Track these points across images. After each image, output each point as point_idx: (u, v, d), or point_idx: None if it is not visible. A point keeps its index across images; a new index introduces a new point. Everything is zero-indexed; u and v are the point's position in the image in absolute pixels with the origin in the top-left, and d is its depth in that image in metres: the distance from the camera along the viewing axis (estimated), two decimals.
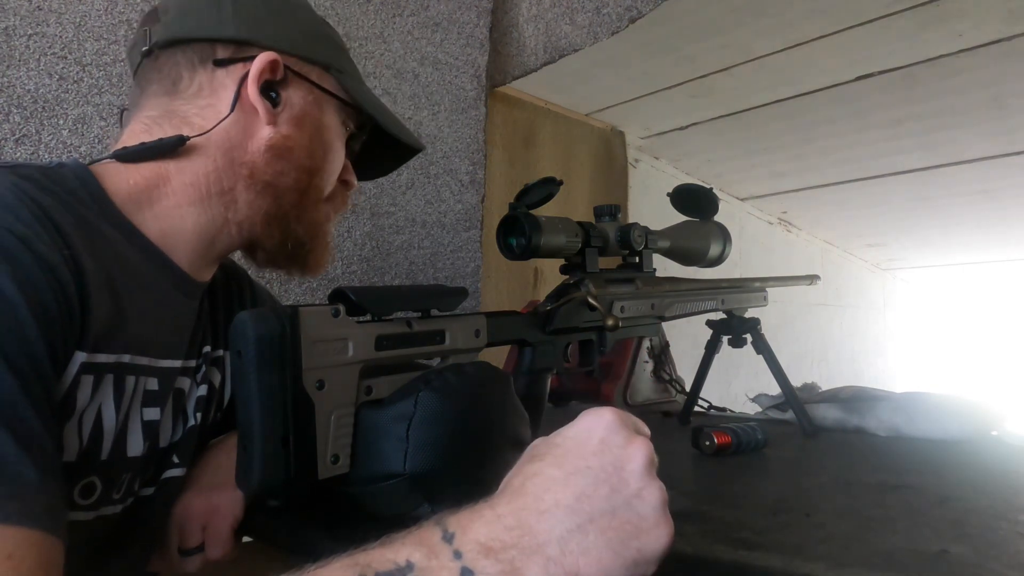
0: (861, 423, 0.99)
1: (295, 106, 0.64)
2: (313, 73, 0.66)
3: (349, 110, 0.69)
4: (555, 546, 0.37)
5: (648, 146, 2.19)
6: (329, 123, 0.67)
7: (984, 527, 0.56)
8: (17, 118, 0.91)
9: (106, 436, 0.54)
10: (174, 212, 0.61)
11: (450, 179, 1.48)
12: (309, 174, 0.66)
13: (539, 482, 0.40)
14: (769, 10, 1.39)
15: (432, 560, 0.36)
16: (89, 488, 0.55)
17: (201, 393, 0.67)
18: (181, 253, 0.62)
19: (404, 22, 1.41)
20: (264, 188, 0.63)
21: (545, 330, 0.74)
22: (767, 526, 0.57)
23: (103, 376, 0.53)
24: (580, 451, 0.41)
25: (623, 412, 0.44)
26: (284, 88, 0.64)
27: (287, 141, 0.64)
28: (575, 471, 0.40)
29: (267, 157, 0.63)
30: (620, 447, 0.41)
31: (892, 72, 1.61)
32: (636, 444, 0.41)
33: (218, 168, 0.62)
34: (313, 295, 1.22)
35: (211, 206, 0.62)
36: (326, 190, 0.69)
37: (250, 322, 0.48)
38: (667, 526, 0.40)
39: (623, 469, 0.40)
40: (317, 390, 0.50)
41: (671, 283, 0.91)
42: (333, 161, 0.69)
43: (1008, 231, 3.00)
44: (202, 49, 0.62)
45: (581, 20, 1.45)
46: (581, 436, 0.42)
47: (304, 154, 0.65)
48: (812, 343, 3.18)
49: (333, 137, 0.68)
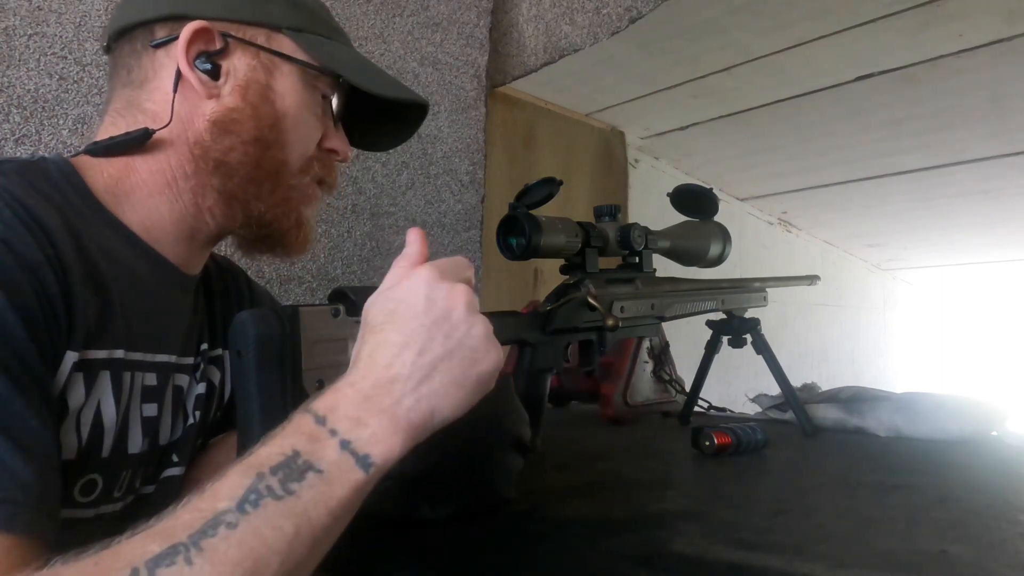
0: (861, 423, 0.99)
1: (239, 75, 0.60)
2: (260, 36, 0.61)
3: (317, 72, 0.64)
4: (411, 397, 0.45)
5: (648, 146, 2.19)
6: (284, 88, 0.62)
7: (984, 527, 0.56)
8: (17, 118, 0.91)
9: (107, 433, 0.54)
10: (148, 203, 0.60)
11: (450, 179, 1.48)
12: (262, 147, 0.61)
13: (386, 349, 0.46)
14: (769, 10, 1.39)
15: (314, 443, 0.42)
16: (90, 486, 0.54)
17: (200, 391, 0.67)
18: (165, 244, 0.62)
19: (404, 22, 1.41)
20: (216, 167, 0.60)
21: (545, 330, 0.74)
22: (767, 526, 0.57)
23: (98, 373, 0.53)
24: (413, 311, 0.47)
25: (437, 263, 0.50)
26: (225, 57, 0.60)
27: (231, 113, 0.60)
28: (413, 331, 0.46)
29: (213, 133, 0.60)
30: (444, 298, 0.48)
31: (892, 72, 1.61)
32: (456, 291, 0.48)
33: (178, 153, 0.60)
34: (313, 295, 1.22)
35: (181, 193, 0.61)
36: (293, 163, 0.64)
37: (250, 322, 0.48)
38: (495, 349, 0.49)
39: (450, 316, 0.48)
40: (317, 390, 0.50)
41: (671, 283, 0.91)
42: (297, 130, 0.63)
43: (1008, 231, 3.00)
44: (143, 33, 0.60)
45: (581, 20, 1.45)
46: (409, 298, 0.48)
47: (251, 125, 0.60)
48: (812, 343, 3.18)
49: (293, 103, 0.63)
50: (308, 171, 0.65)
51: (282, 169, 0.63)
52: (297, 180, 0.64)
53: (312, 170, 0.66)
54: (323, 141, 0.66)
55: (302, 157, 0.64)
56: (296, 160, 0.64)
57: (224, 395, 0.72)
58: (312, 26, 0.64)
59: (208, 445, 0.71)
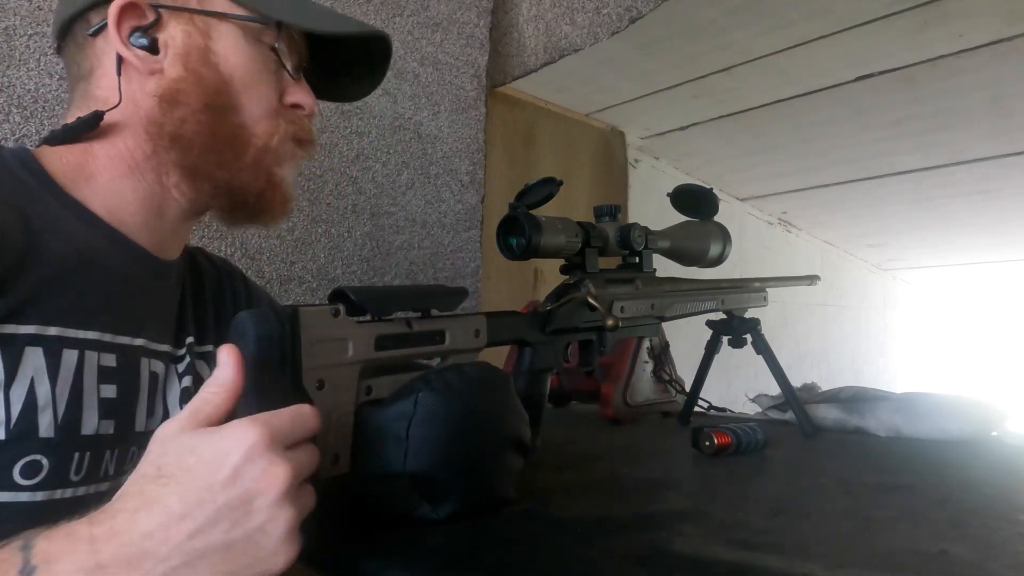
0: (861, 423, 0.99)
1: (178, 45, 0.59)
2: (191, 1, 0.60)
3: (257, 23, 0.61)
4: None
5: (648, 146, 2.19)
6: (225, 49, 0.60)
7: (984, 527, 0.56)
8: (17, 118, 0.91)
9: (41, 412, 0.53)
10: (110, 187, 0.60)
11: (450, 179, 1.48)
12: (214, 114, 0.59)
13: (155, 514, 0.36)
14: (769, 10, 1.39)
15: None
16: (33, 467, 0.53)
17: (186, 385, 0.66)
18: (133, 227, 0.61)
19: (404, 22, 1.41)
20: (171, 142, 0.59)
21: (545, 330, 0.74)
22: (767, 526, 0.57)
23: (23, 349, 0.52)
24: (209, 481, 0.37)
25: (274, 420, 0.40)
26: (160, 30, 0.59)
27: (175, 84, 0.58)
28: (198, 504, 0.37)
29: (163, 108, 0.58)
30: (255, 479, 0.38)
31: (892, 72, 1.61)
32: (274, 473, 0.38)
33: (135, 135, 0.60)
34: (313, 295, 1.22)
35: (144, 173, 0.60)
36: (253, 124, 0.62)
37: (250, 322, 0.48)
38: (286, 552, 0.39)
39: (252, 503, 0.38)
40: (317, 390, 0.50)
41: (671, 283, 0.91)
42: (249, 90, 0.61)
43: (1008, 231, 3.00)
44: (80, 25, 0.60)
45: (581, 20, 1.45)
46: (216, 462, 0.38)
47: (198, 92, 0.59)
48: (812, 343, 3.18)
49: (239, 63, 0.61)
50: (275, 131, 0.63)
51: (240, 133, 0.61)
52: (264, 141, 0.62)
53: (279, 129, 0.63)
54: (284, 97, 0.64)
55: (263, 117, 0.62)
56: (255, 121, 0.62)
57: None
58: None
59: None
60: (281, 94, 0.64)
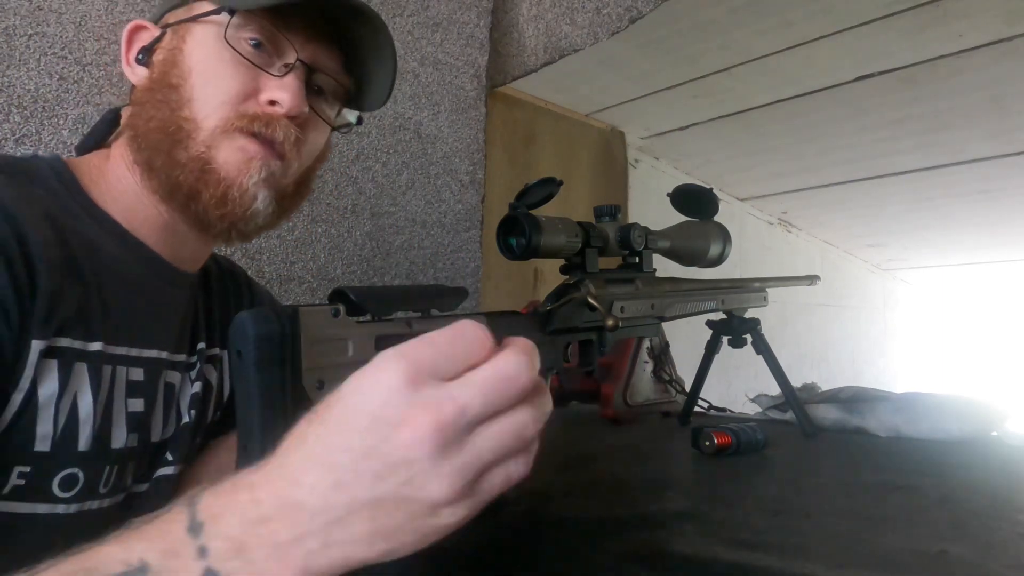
0: (861, 423, 0.99)
1: (161, 55, 0.61)
2: (181, 12, 0.62)
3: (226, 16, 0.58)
4: (316, 539, 0.32)
5: (648, 146, 2.19)
6: (191, 47, 0.60)
7: (984, 527, 0.56)
8: (17, 118, 0.91)
9: (82, 426, 0.54)
10: (118, 186, 0.61)
11: (450, 179, 1.48)
12: (167, 109, 0.58)
13: (302, 456, 0.33)
14: (769, 10, 1.39)
15: (171, 559, 0.31)
16: (70, 480, 0.54)
17: (196, 390, 0.67)
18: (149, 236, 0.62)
19: (404, 22, 1.41)
20: (131, 140, 0.61)
21: (545, 330, 0.73)
22: (767, 526, 0.57)
23: (73, 364, 0.53)
24: (346, 425, 0.32)
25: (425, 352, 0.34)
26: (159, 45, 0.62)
27: (145, 86, 0.61)
28: (337, 450, 0.32)
29: (134, 110, 0.61)
30: (393, 425, 0.31)
31: (892, 72, 1.61)
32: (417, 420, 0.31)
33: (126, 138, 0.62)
34: (313, 295, 1.22)
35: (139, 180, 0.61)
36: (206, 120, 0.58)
37: (250, 322, 0.48)
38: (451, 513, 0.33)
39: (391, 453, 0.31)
40: (317, 390, 0.50)
41: (671, 283, 0.91)
42: (207, 84, 0.59)
43: (1008, 231, 3.00)
44: None
45: (581, 20, 1.45)
46: (353, 403, 0.33)
47: (158, 91, 0.59)
48: (812, 343, 3.18)
49: (202, 58, 0.59)
50: (230, 127, 0.58)
51: (187, 126, 0.58)
52: (209, 135, 0.58)
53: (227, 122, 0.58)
54: (260, 93, 0.60)
55: (216, 111, 0.58)
56: (207, 116, 0.58)
57: (223, 395, 0.72)
58: None
59: (208, 446, 0.71)
60: (256, 91, 0.60)
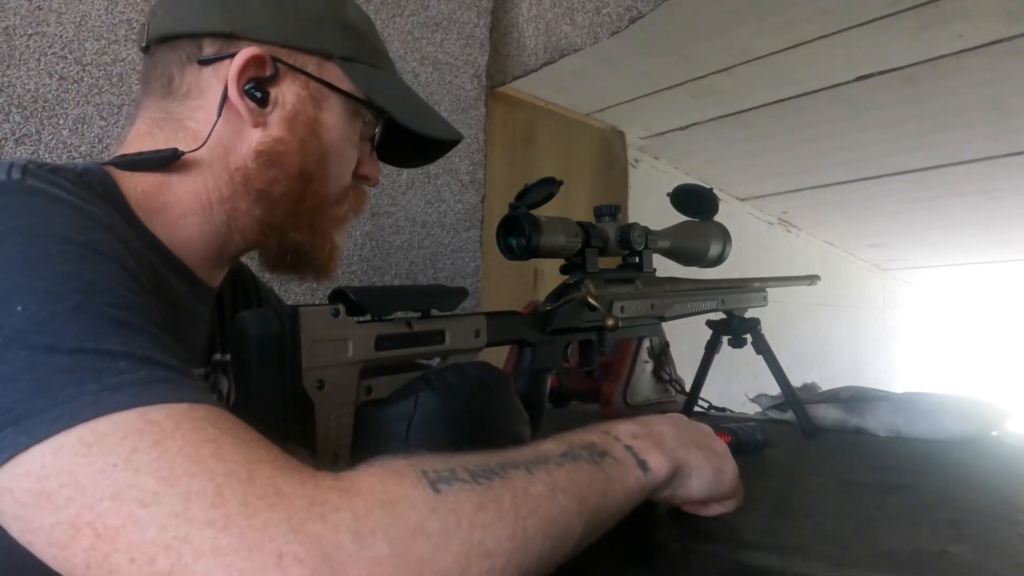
0: (861, 423, 0.99)
1: (287, 105, 0.59)
2: (311, 65, 0.60)
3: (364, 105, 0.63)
4: (671, 443, 0.51)
5: (648, 146, 2.19)
6: (330, 121, 0.61)
7: (984, 527, 0.56)
8: (17, 118, 0.91)
9: None
10: (180, 221, 0.59)
11: (450, 179, 1.48)
12: (305, 181, 0.60)
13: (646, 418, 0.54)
14: (769, 10, 1.39)
15: (605, 441, 0.48)
16: None
17: None
18: (193, 260, 0.61)
19: (404, 22, 1.41)
20: (258, 197, 0.60)
21: (545, 330, 0.74)
22: (767, 526, 0.57)
23: None
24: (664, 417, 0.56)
25: None
26: (275, 85, 0.58)
27: (278, 145, 0.59)
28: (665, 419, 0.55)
29: (258, 164, 0.59)
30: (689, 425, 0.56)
31: (892, 72, 1.61)
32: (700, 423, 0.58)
33: (216, 176, 0.59)
34: (313, 295, 1.22)
35: (214, 215, 0.60)
36: (331, 195, 0.63)
37: (250, 322, 0.48)
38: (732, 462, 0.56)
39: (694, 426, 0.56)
40: (317, 390, 0.50)
41: (671, 283, 0.91)
42: (339, 163, 0.63)
43: (1008, 231, 3.00)
44: (189, 45, 0.58)
45: (581, 20, 1.45)
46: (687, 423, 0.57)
47: (298, 159, 0.59)
48: (812, 343, 3.18)
49: (338, 136, 0.62)
50: (344, 201, 0.65)
51: (322, 202, 0.63)
52: (334, 211, 0.64)
53: (347, 200, 0.65)
54: (358, 168, 0.66)
55: (339, 188, 0.64)
56: (333, 192, 0.64)
57: (229, 401, 0.72)
58: (362, 54, 0.63)
59: None
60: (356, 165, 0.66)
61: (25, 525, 0.34)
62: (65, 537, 0.32)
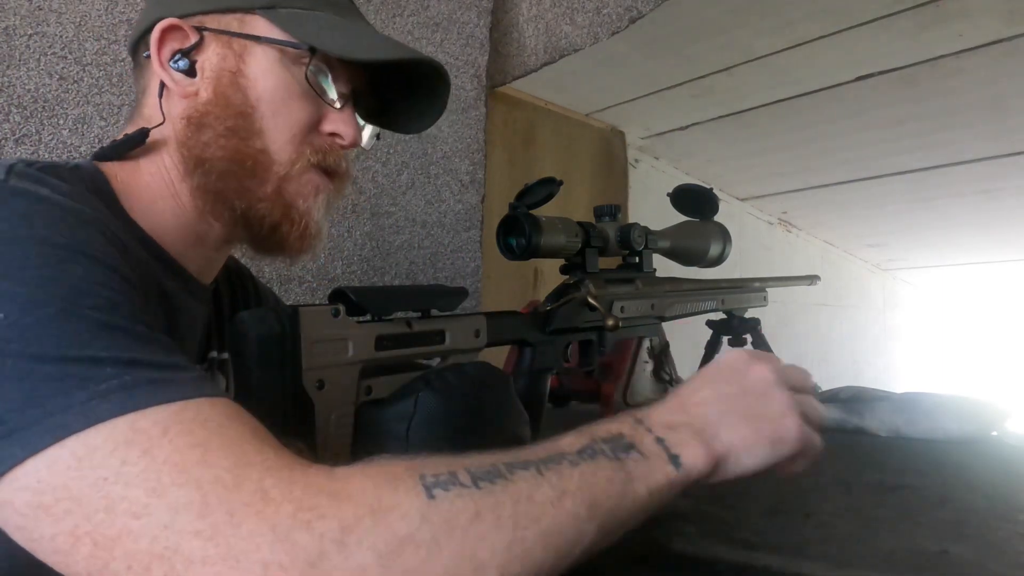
0: (861, 423, 0.99)
1: (212, 67, 0.58)
2: (234, 23, 0.59)
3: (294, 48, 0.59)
4: (712, 427, 0.47)
5: (648, 146, 2.19)
6: (255, 72, 0.58)
7: (984, 527, 0.56)
8: (17, 118, 0.91)
9: None
10: (153, 207, 0.59)
11: (450, 179, 1.48)
12: (236, 138, 0.58)
13: (689, 389, 0.51)
14: (769, 10, 1.39)
15: (634, 432, 0.45)
16: None
17: None
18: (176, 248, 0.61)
19: (404, 22, 1.41)
20: (195, 165, 0.58)
21: (545, 330, 0.74)
22: (767, 526, 0.57)
23: None
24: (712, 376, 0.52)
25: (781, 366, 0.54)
26: (200, 52, 0.58)
27: (203, 107, 0.58)
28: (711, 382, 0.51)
29: (189, 130, 0.58)
30: (742, 372, 0.52)
31: (892, 72, 1.61)
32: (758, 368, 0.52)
33: (171, 155, 0.59)
34: (313, 295, 1.22)
35: (180, 196, 0.59)
36: (277, 151, 0.59)
37: (250, 322, 0.48)
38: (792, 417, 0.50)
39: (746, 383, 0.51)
40: (317, 390, 0.50)
41: (671, 283, 0.91)
42: (277, 115, 0.59)
43: (1008, 231, 3.00)
44: (141, 46, 0.61)
45: (581, 20, 1.45)
46: (711, 370, 0.53)
47: (223, 116, 0.58)
48: (812, 343, 3.18)
49: (270, 86, 0.59)
50: (297, 158, 0.60)
51: (261, 158, 0.59)
52: (285, 170, 0.60)
53: (303, 156, 0.60)
54: (322, 124, 0.62)
55: (288, 144, 0.60)
56: (280, 148, 0.59)
57: None
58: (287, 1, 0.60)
59: None
60: (319, 122, 0.62)
61: (28, 534, 0.35)
62: (66, 545, 0.34)
